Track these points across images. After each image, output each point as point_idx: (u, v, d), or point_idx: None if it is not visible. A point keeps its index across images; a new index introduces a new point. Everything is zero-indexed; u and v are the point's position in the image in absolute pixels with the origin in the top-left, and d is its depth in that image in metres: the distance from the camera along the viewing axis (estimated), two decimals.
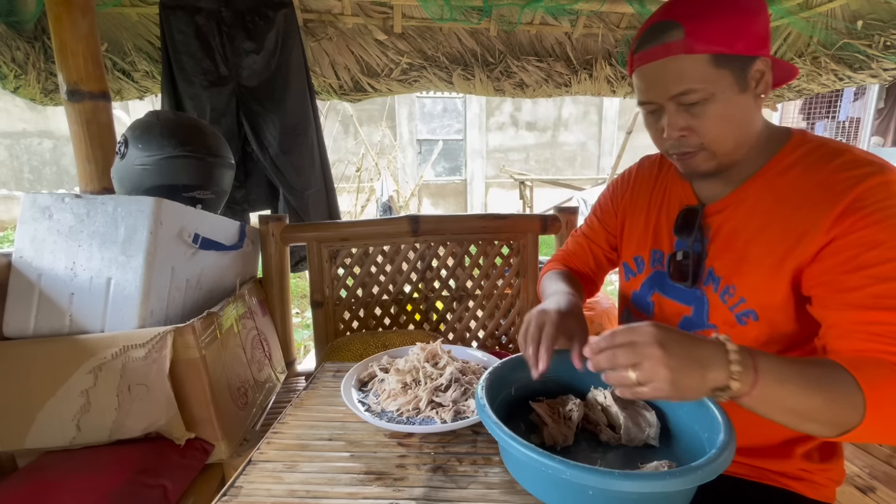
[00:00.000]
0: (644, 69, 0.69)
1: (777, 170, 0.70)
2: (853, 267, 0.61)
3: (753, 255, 0.70)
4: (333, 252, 1.58)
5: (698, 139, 0.69)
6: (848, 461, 1.16)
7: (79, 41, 1.37)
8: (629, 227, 0.92)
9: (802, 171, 0.68)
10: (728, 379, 0.52)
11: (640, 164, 0.95)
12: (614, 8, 2.05)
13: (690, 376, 0.52)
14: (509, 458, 0.65)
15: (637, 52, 0.70)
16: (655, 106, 0.71)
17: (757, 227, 0.70)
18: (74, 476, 0.90)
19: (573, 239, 1.06)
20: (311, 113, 1.96)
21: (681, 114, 0.68)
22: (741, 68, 0.65)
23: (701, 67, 0.64)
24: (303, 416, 0.84)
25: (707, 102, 0.66)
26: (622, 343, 0.54)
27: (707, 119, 0.67)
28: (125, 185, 1.26)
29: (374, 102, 7.62)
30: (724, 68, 0.64)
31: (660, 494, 0.52)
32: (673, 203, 0.84)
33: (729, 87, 0.65)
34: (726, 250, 0.73)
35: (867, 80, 2.10)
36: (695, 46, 0.64)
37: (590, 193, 5.50)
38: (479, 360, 0.95)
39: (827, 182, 0.65)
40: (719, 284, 0.74)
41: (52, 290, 1.02)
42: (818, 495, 0.74)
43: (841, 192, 0.63)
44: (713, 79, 0.65)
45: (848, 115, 6.86)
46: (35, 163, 7.45)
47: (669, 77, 0.66)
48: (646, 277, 0.87)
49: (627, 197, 0.93)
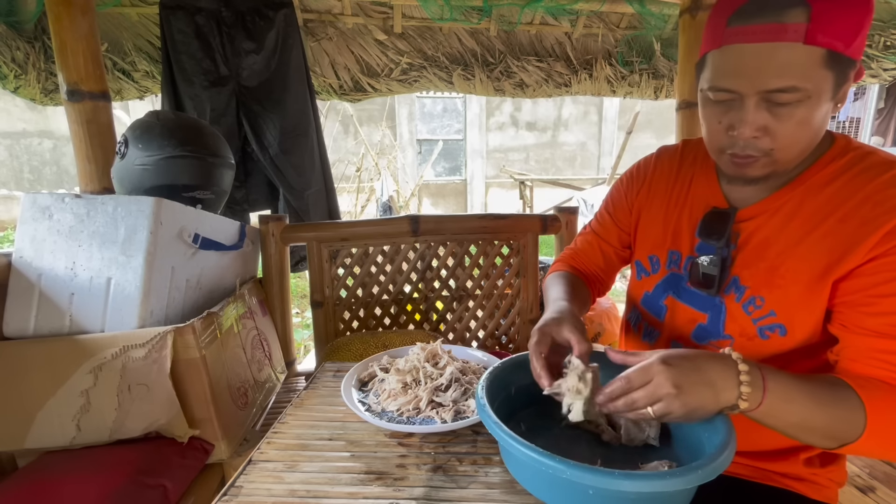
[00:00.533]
0: (742, 48, 0.56)
1: (819, 177, 0.65)
2: (884, 292, 0.58)
3: (789, 268, 0.65)
4: (333, 252, 1.58)
5: (771, 143, 0.60)
6: (848, 461, 1.16)
7: (79, 41, 1.37)
8: (645, 223, 0.86)
9: (847, 182, 0.62)
10: (738, 399, 0.54)
11: (658, 156, 0.87)
12: (614, 8, 2.05)
13: (703, 403, 0.54)
14: (509, 458, 0.65)
15: (735, 24, 0.56)
16: (734, 96, 0.59)
17: (794, 238, 0.65)
18: (74, 476, 0.90)
19: (582, 236, 0.99)
20: (311, 113, 1.96)
21: (763, 111, 0.58)
22: (844, 74, 0.56)
23: (814, 63, 0.54)
24: (303, 415, 0.84)
25: (799, 105, 0.56)
26: (638, 386, 0.55)
27: (789, 122, 0.58)
28: (125, 185, 1.26)
29: (374, 102, 7.62)
30: (832, 70, 0.55)
31: (660, 494, 0.52)
32: (697, 202, 0.77)
33: (826, 91, 0.56)
34: (757, 259, 0.69)
35: (867, 80, 2.11)
36: (818, 36, 0.52)
37: (590, 193, 5.50)
38: (479, 360, 0.95)
39: (876, 197, 0.60)
40: (744, 294, 0.70)
41: (52, 290, 1.02)
42: (820, 496, 0.74)
43: (891, 210, 0.58)
44: (819, 79, 0.55)
45: (848, 115, 6.86)
46: (35, 163, 7.45)
47: (773, 66, 0.55)
48: (660, 279, 0.82)
49: (644, 191, 0.86)
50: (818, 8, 0.52)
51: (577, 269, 0.97)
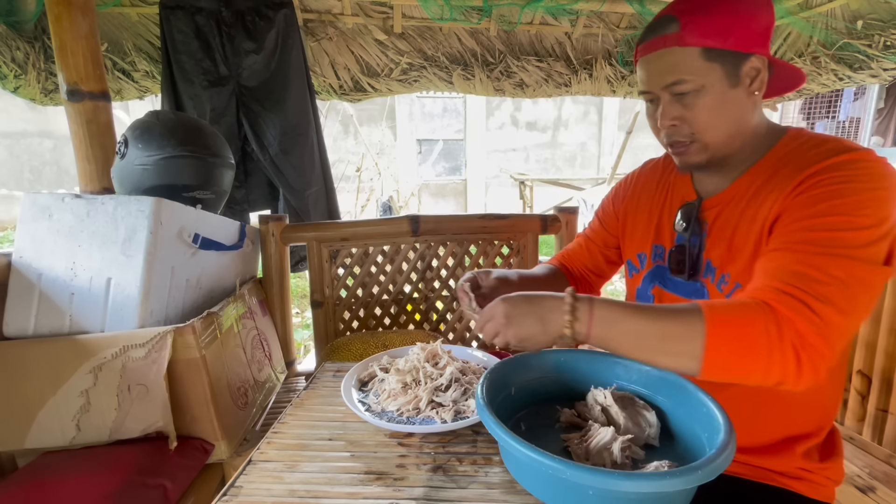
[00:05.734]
0: (643, 60, 0.73)
1: (768, 164, 0.73)
2: (786, 224, 0.64)
3: (740, 240, 0.72)
4: (333, 252, 1.58)
5: (689, 129, 0.72)
6: (848, 461, 1.16)
7: (79, 41, 1.37)
8: (631, 226, 0.93)
9: (787, 162, 0.70)
10: (564, 327, 0.64)
11: (642, 167, 0.97)
12: (614, 8, 2.05)
13: (532, 333, 0.67)
14: (509, 458, 0.65)
15: (640, 44, 0.74)
16: (653, 96, 0.74)
17: (742, 215, 0.73)
18: (74, 476, 0.90)
19: (574, 240, 1.09)
20: (311, 113, 1.96)
21: (674, 104, 0.72)
22: (733, 64, 0.67)
23: (692, 60, 0.68)
24: (303, 416, 0.84)
25: (698, 94, 0.69)
26: (486, 319, 0.70)
27: (697, 110, 0.70)
28: (125, 185, 1.26)
29: (374, 102, 7.62)
30: (715, 62, 0.67)
31: (660, 494, 0.52)
32: (675, 199, 0.85)
33: (719, 80, 0.68)
34: (720, 241, 0.76)
35: (867, 80, 2.11)
36: (687, 39, 0.67)
37: (590, 193, 5.50)
38: (479, 360, 0.95)
39: (805, 157, 0.67)
40: (716, 275, 0.76)
41: (52, 290, 1.02)
42: (818, 495, 0.74)
43: (805, 167, 0.65)
44: (703, 71, 0.68)
45: (848, 115, 6.86)
46: (35, 163, 7.45)
47: (663, 68, 0.70)
48: (647, 272, 0.89)
49: (629, 198, 0.95)
50: (684, 19, 0.67)
51: (565, 266, 1.06)
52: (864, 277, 0.59)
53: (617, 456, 0.61)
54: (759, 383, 0.59)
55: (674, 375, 0.69)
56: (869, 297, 0.60)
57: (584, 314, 0.64)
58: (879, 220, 0.60)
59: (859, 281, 0.58)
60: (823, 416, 0.76)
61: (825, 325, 0.56)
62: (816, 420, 0.75)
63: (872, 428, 1.23)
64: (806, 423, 0.74)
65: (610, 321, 0.63)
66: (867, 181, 0.61)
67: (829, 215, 0.61)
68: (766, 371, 0.57)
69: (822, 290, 0.57)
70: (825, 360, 0.57)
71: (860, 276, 0.58)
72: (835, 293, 0.57)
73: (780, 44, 2.22)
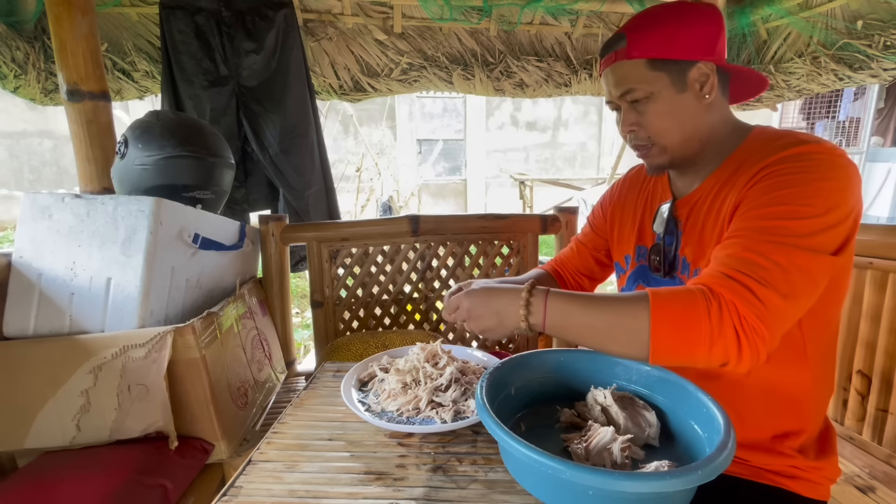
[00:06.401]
0: (604, 73, 0.80)
1: (734, 161, 0.75)
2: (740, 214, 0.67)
3: (707, 235, 0.76)
4: (333, 252, 1.58)
5: (645, 133, 0.78)
6: (848, 461, 1.16)
7: (79, 41, 1.37)
8: (618, 229, 0.97)
9: (748, 157, 0.73)
10: (520, 320, 0.69)
11: (628, 172, 1.03)
12: (614, 8, 2.05)
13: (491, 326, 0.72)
14: (509, 458, 0.65)
15: (600, 60, 0.81)
16: (615, 105, 0.81)
17: (709, 211, 0.76)
18: (74, 476, 0.90)
19: (567, 246, 1.13)
20: (311, 113, 1.96)
21: (630, 111, 0.78)
22: (678, 71, 0.73)
23: (638, 70, 0.74)
24: (303, 416, 0.84)
25: (648, 101, 0.75)
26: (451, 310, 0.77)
27: (649, 115, 0.76)
28: (125, 185, 1.26)
29: (374, 102, 7.62)
30: (661, 70, 0.73)
31: (660, 494, 0.52)
32: (655, 201, 0.90)
33: (666, 87, 0.74)
34: (692, 237, 0.79)
35: (867, 80, 2.10)
36: (633, 53, 0.74)
37: (590, 193, 5.50)
38: (479, 360, 0.95)
39: (757, 157, 0.70)
40: (690, 270, 0.79)
41: (52, 290, 1.02)
42: (813, 493, 0.75)
43: (760, 160, 0.68)
44: (650, 80, 0.74)
45: (848, 115, 6.86)
46: (35, 163, 7.45)
47: (617, 79, 0.77)
48: (631, 272, 0.93)
49: (616, 202, 1.00)
50: (630, 35, 0.74)
51: (558, 271, 1.09)
52: (804, 265, 0.61)
53: (617, 456, 0.61)
54: (705, 365, 0.61)
55: (674, 375, 0.69)
56: (810, 285, 0.62)
57: (539, 307, 0.68)
58: (826, 209, 0.62)
59: (799, 268, 0.60)
60: (812, 411, 0.76)
61: (765, 308, 0.59)
62: (805, 416, 0.75)
63: (872, 428, 1.23)
64: (794, 420, 0.75)
65: (563, 313, 0.67)
66: (816, 172, 0.64)
67: (776, 205, 0.63)
68: (709, 353, 0.60)
69: (764, 274, 0.60)
70: (765, 342, 0.59)
71: (800, 264, 0.60)
72: (776, 278, 0.60)
73: (780, 44, 2.22)
